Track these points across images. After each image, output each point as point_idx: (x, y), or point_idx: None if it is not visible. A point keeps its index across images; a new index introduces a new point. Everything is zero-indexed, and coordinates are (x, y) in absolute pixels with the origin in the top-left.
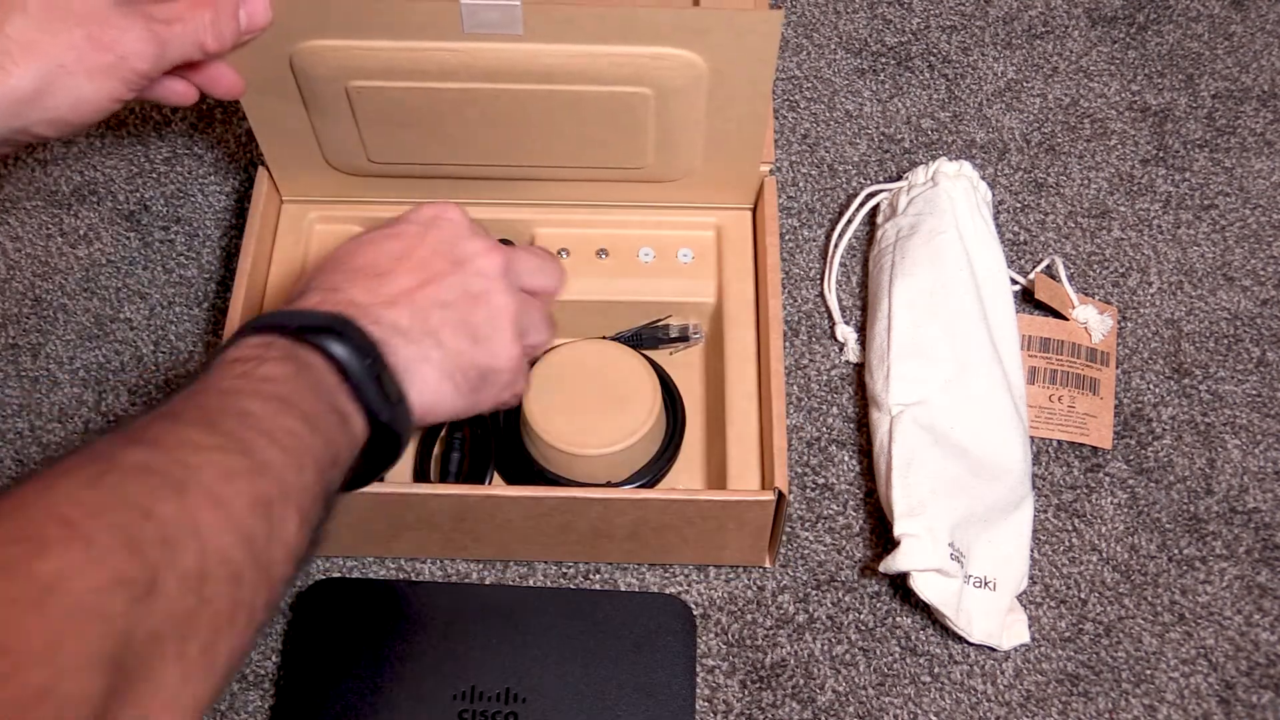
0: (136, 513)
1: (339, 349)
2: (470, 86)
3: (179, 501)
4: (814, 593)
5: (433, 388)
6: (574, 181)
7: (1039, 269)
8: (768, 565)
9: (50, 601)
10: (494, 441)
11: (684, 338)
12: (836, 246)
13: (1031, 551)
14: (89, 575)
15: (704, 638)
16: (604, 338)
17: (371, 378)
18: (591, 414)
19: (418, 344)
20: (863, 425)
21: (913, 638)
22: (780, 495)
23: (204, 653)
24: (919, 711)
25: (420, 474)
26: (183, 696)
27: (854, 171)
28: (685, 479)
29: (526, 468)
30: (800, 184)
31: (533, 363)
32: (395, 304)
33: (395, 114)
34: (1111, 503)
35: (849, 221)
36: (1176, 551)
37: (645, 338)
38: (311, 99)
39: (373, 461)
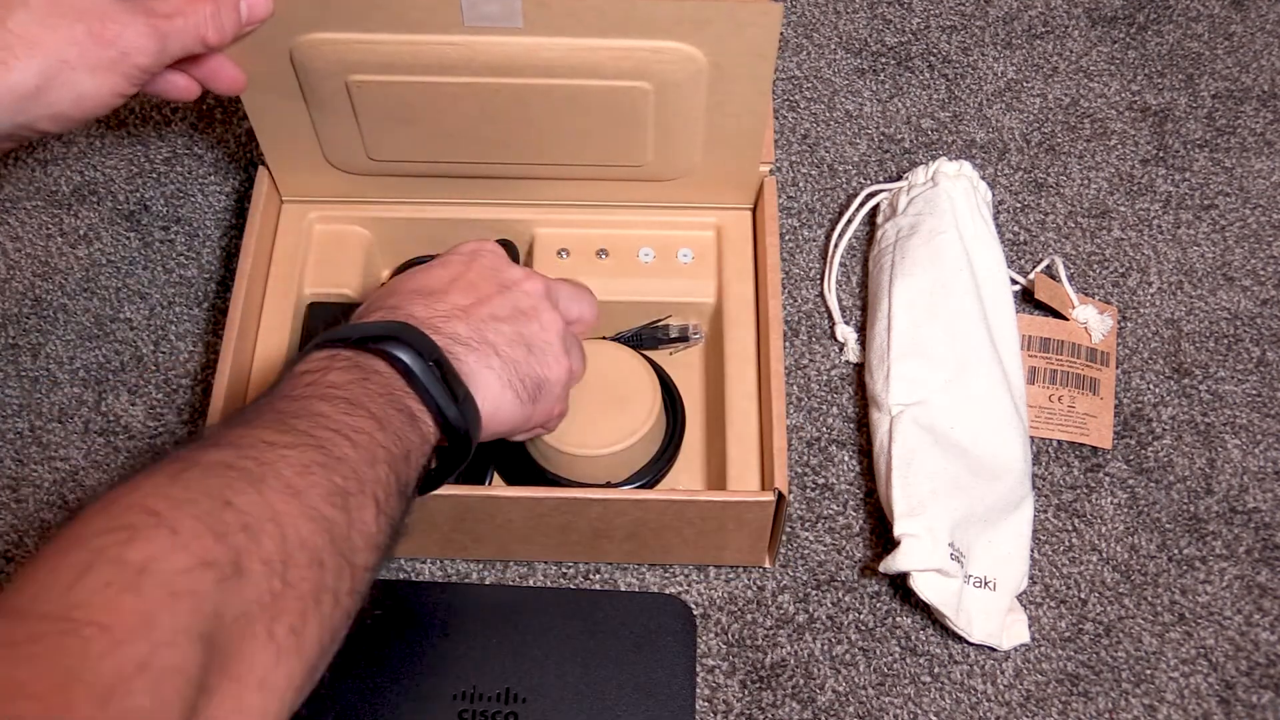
0: (217, 502)
1: (401, 352)
2: (470, 81)
3: (257, 492)
4: (814, 593)
5: (495, 394)
6: (574, 180)
7: (1039, 269)
8: (768, 565)
9: (142, 582)
10: (494, 442)
11: (684, 338)
12: (836, 246)
13: (1031, 551)
14: (176, 558)
15: (704, 638)
16: (604, 338)
17: (436, 378)
18: (591, 414)
19: (478, 351)
20: (863, 425)
21: (913, 638)
22: (780, 495)
23: (293, 634)
24: (919, 711)
25: None
26: (275, 675)
27: (854, 171)
28: (685, 479)
29: (526, 468)
30: (800, 184)
31: None
32: (453, 317)
33: (395, 110)
34: (1111, 503)
35: (849, 221)
36: (1176, 551)
37: (645, 338)
38: (312, 95)
39: (446, 462)
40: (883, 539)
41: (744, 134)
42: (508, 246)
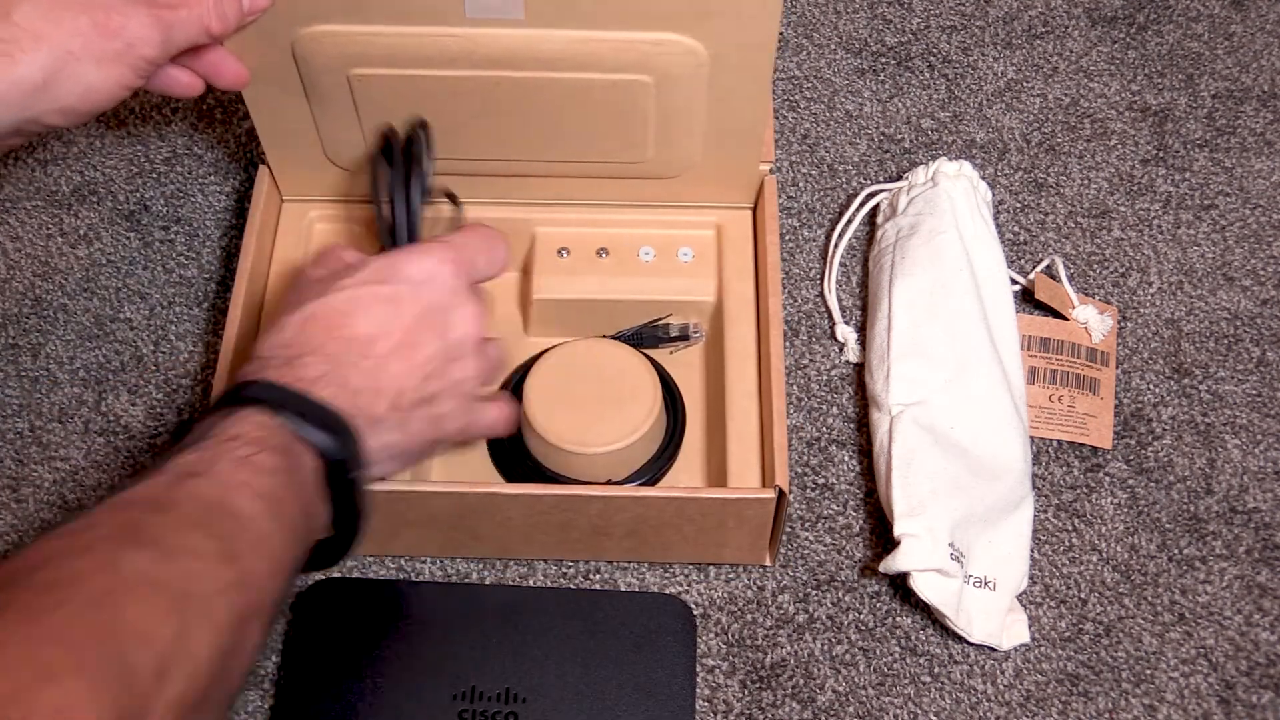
0: (138, 639)
1: (334, 452)
2: (471, 74)
3: (179, 620)
4: (814, 593)
5: (382, 469)
6: (575, 178)
7: (1039, 269)
8: (768, 564)
9: None
10: (491, 442)
11: (684, 336)
12: (836, 246)
13: (1031, 551)
14: (89, 713)
15: (704, 638)
16: (604, 336)
17: (349, 493)
18: (592, 412)
19: (385, 436)
20: (863, 425)
21: (913, 638)
22: (781, 493)
23: None
24: (919, 711)
25: None
26: None
27: (854, 171)
28: (685, 478)
29: (526, 466)
30: (800, 184)
31: (531, 363)
32: (379, 392)
33: (397, 105)
34: (1111, 503)
35: (849, 221)
36: (1176, 551)
37: (646, 336)
38: (313, 89)
39: (323, 552)
40: (883, 539)
41: (744, 130)
42: (451, 198)
